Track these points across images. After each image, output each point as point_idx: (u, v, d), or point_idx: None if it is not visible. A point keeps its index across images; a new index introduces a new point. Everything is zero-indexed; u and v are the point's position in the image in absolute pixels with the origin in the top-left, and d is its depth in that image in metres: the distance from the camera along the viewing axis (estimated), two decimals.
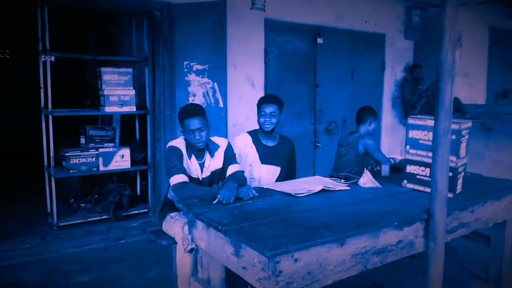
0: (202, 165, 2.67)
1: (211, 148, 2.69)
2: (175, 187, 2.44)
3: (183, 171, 2.49)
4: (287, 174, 3.10)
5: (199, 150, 2.64)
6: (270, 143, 3.04)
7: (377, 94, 5.65)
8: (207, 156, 2.68)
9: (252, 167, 2.97)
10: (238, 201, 2.34)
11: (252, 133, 3.03)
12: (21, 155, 7.06)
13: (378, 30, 5.49)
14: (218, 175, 2.73)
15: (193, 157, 2.63)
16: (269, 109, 2.92)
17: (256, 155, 2.97)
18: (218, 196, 2.31)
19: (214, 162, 2.70)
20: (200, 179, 2.66)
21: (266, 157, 2.99)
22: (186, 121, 2.53)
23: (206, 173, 2.70)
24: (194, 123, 2.52)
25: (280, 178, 3.05)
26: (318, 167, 5.07)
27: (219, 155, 2.71)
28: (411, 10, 5.71)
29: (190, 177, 2.56)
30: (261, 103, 2.97)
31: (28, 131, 6.94)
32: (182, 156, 2.55)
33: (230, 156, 2.72)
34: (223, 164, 2.72)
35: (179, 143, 2.61)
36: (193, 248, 2.40)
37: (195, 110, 2.58)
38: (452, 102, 2.01)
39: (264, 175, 3.01)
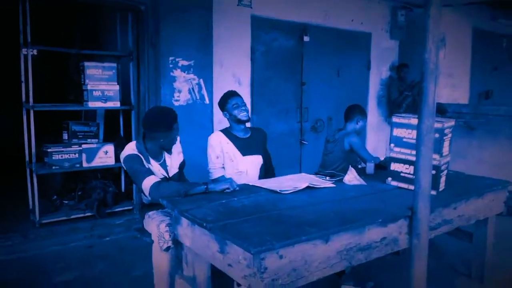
0: (164, 164, 2.66)
1: None
2: (151, 190, 2.38)
3: (151, 172, 2.47)
4: (264, 162, 3.13)
5: (158, 153, 2.63)
6: (244, 135, 3.05)
7: (362, 92, 5.70)
8: (165, 155, 2.68)
9: (235, 162, 2.98)
10: (224, 197, 2.33)
11: (224, 131, 3.04)
12: (3, 150, 6.91)
13: (364, 29, 5.53)
14: (183, 167, 2.79)
15: (151, 160, 2.59)
16: (239, 100, 2.98)
17: (235, 149, 2.98)
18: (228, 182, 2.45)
19: (174, 156, 2.72)
20: (167, 176, 2.64)
21: (245, 149, 3.00)
22: (175, 125, 2.55)
23: (174, 170, 2.70)
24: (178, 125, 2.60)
25: (261, 166, 3.09)
26: (304, 165, 5.09)
27: (176, 148, 2.74)
28: (397, 10, 5.77)
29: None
30: (227, 98, 2.99)
31: (9, 127, 6.78)
32: (142, 160, 2.50)
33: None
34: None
35: (131, 150, 2.53)
36: (169, 246, 2.38)
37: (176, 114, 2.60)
38: (435, 101, 2.03)
39: (249, 166, 3.02)
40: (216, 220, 1.97)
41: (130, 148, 2.55)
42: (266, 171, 3.15)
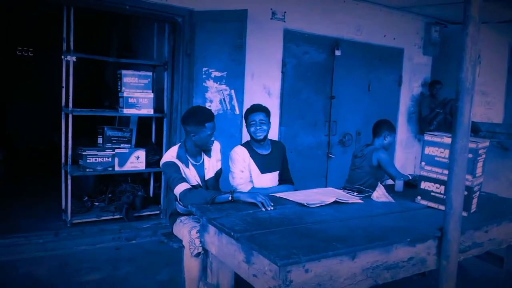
0: (201, 166, 2.72)
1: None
2: (181, 196, 2.48)
3: (184, 180, 2.54)
4: (281, 174, 3.10)
5: (197, 153, 2.70)
6: (265, 151, 3.01)
7: (393, 108, 5.63)
8: (205, 156, 2.74)
9: (253, 179, 2.97)
10: (251, 207, 2.36)
11: (246, 145, 3.00)
12: (39, 151, 7.21)
13: (396, 45, 5.49)
14: (219, 176, 2.83)
15: (190, 165, 2.66)
16: (257, 117, 2.90)
17: (255, 166, 2.96)
18: (258, 202, 2.35)
19: (213, 162, 2.78)
20: (200, 184, 2.69)
21: (264, 166, 2.97)
22: (208, 124, 2.60)
23: (210, 173, 2.76)
24: (214, 126, 2.64)
25: (279, 180, 3.08)
26: (330, 178, 5.06)
27: (215, 155, 2.81)
28: (431, 26, 5.70)
29: (191, 186, 2.59)
30: (248, 113, 2.95)
31: (47, 129, 7.09)
32: (179, 168, 2.58)
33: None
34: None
35: (170, 157, 2.62)
36: (200, 252, 2.42)
37: (212, 115, 2.68)
38: (470, 121, 2.01)
39: (266, 183, 3.01)
40: (244, 230, 1.99)
41: (170, 154, 2.64)
42: (283, 181, 3.09)
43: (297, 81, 4.76)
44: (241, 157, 2.93)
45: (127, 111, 4.01)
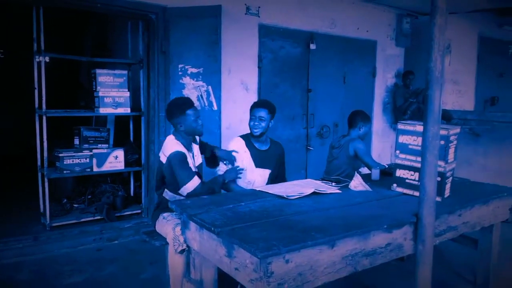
0: (193, 154, 2.82)
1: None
2: (197, 190, 2.60)
3: (194, 173, 2.67)
4: (276, 176, 3.15)
5: (188, 144, 2.79)
6: (263, 147, 3.08)
7: (368, 99, 5.73)
8: (193, 145, 2.85)
9: (246, 172, 3.01)
10: (231, 202, 2.38)
11: (245, 137, 3.07)
12: (15, 155, 7.02)
13: (369, 37, 5.58)
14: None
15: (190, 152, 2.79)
16: (258, 113, 2.97)
17: (251, 159, 3.01)
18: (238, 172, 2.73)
19: (197, 152, 2.90)
20: (198, 171, 2.82)
21: (259, 161, 3.03)
22: (188, 111, 2.70)
23: (199, 160, 2.88)
24: (196, 112, 2.75)
25: (268, 180, 3.10)
26: (310, 170, 5.12)
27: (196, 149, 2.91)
28: (402, 17, 5.81)
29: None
30: (252, 107, 3.04)
31: (22, 132, 6.90)
32: (187, 158, 2.68)
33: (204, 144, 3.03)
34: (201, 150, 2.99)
35: (178, 146, 2.67)
36: (185, 249, 2.43)
37: (191, 101, 2.80)
38: (441, 109, 2.07)
39: (257, 178, 3.06)
40: (224, 224, 2.01)
41: (175, 143, 2.68)
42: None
43: (274, 76, 4.79)
44: (235, 148, 3.00)
45: (103, 110, 3.95)
